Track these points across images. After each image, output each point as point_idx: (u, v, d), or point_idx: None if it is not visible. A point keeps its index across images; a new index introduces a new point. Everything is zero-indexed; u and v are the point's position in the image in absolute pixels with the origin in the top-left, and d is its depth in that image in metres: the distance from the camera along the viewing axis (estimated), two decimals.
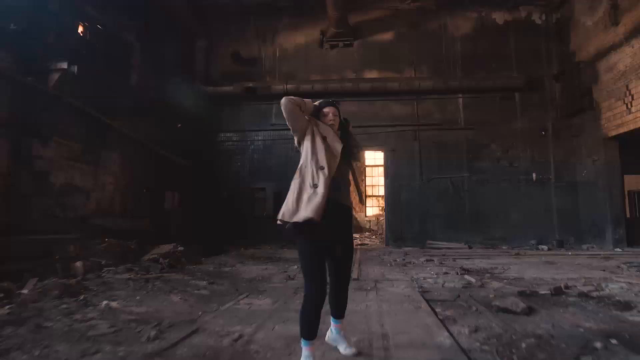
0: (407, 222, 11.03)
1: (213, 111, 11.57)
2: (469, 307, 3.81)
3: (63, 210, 8.05)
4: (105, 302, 3.46)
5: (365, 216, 18.70)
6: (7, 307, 3.21)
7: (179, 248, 6.71)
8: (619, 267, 6.42)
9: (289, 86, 11.14)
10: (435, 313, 3.58)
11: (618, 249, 9.10)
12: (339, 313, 2.59)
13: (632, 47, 8.55)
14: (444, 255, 8.56)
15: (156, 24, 10.98)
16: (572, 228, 10.48)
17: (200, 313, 3.48)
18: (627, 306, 3.78)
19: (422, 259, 7.76)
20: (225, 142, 11.60)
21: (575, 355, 2.52)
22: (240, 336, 2.83)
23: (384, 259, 8.01)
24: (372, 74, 11.52)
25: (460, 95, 11.18)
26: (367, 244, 11.99)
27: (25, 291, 3.67)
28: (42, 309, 3.22)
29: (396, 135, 11.26)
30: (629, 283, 4.92)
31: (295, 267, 6.45)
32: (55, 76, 7.58)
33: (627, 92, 8.74)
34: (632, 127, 8.68)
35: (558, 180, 10.74)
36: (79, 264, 4.91)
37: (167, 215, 10.68)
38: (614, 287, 4.65)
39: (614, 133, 9.27)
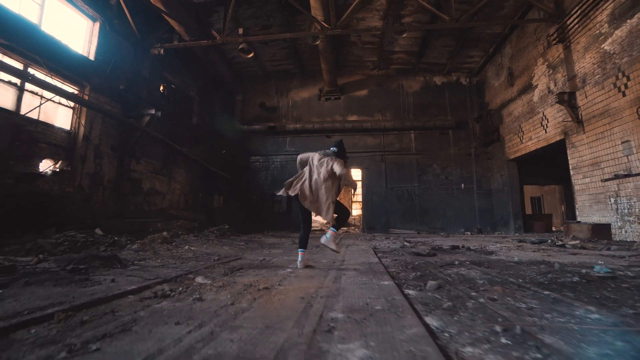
0: (376, 217, 11.91)
1: (246, 142, 12.57)
2: (398, 253, 4.74)
3: (148, 205, 9.10)
4: (187, 246, 4.44)
5: (352, 216, 19.55)
6: (135, 245, 4.21)
7: (226, 226, 7.65)
8: (506, 240, 7.29)
9: (297, 125, 12.24)
10: (376, 254, 4.52)
11: (517, 233, 9.95)
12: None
13: (522, 100, 9.59)
14: (398, 236, 9.44)
15: (209, 83, 12.20)
16: (489, 221, 11.33)
17: (241, 254, 4.45)
18: (491, 253, 4.70)
19: (383, 238, 8.66)
20: (254, 163, 12.60)
21: (441, 265, 3.47)
22: (264, 259, 3.81)
23: (358, 237, 8.91)
24: (353, 117, 12.57)
25: (412, 132, 12.18)
26: (351, 232, 12.85)
27: (140, 241, 4.66)
28: (154, 247, 4.22)
29: (369, 158, 12.25)
30: (504, 246, 5.81)
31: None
32: (146, 118, 8.70)
33: (520, 129, 9.74)
34: (523, 152, 9.65)
35: (479, 189, 11.64)
36: (165, 233, 5.87)
37: (214, 211, 11.67)
38: (492, 247, 5.55)
39: (513, 156, 10.23)
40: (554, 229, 11.32)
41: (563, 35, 7.65)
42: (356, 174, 13.06)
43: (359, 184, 13.35)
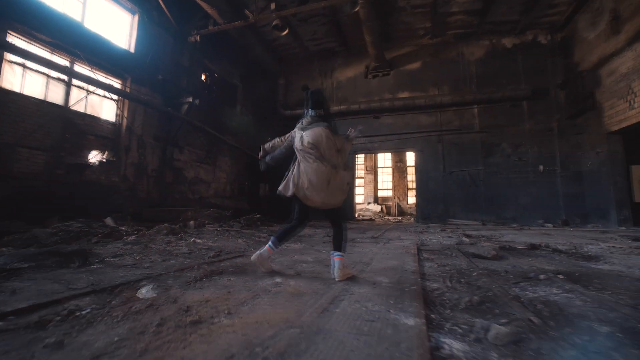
0: (432, 205, 10.32)
1: (289, 128, 11.87)
2: (451, 254, 3.49)
3: (193, 193, 9.00)
4: (192, 239, 3.84)
5: (407, 204, 17.90)
6: (133, 236, 3.74)
7: (257, 215, 7.07)
8: (611, 237, 5.34)
9: (342, 107, 11.14)
10: (419, 256, 3.35)
11: (622, 227, 7.58)
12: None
13: (635, 51, 7.10)
14: (458, 227, 7.88)
15: (251, 70, 11.73)
16: (578, 210, 8.94)
17: (252, 250, 3.67)
18: (593, 258, 3.17)
19: (438, 229, 7.24)
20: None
21: (516, 281, 2.20)
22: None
23: (408, 229, 7.61)
24: (404, 94, 11.00)
25: (475, 106, 10.17)
26: (403, 222, 11.46)
27: (148, 231, 4.22)
28: (154, 239, 3.69)
29: (423, 139, 10.63)
30: (611, 246, 4.09)
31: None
32: (185, 107, 8.49)
33: (630, 91, 7.27)
34: (634, 121, 7.20)
35: (564, 171, 9.24)
36: (192, 222, 5.46)
37: (260, 199, 11.33)
38: (592, 248, 3.90)
39: (616, 128, 7.75)
40: None
41: None
42: (410, 157, 11.53)
43: (412, 170, 11.76)
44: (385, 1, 8.85)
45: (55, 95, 6.46)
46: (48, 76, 6.25)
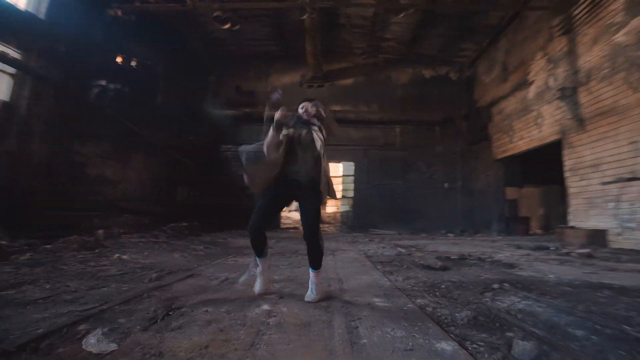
0: (357, 215, 10.92)
1: (218, 128, 11.06)
2: (402, 265, 3.68)
3: (95, 195, 7.41)
4: (117, 255, 3.09)
5: (327, 213, 18.50)
6: (28, 254, 2.79)
7: (183, 224, 6.24)
8: (501, 246, 6.53)
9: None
10: (376, 267, 3.43)
11: (499, 236, 9.36)
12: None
13: (515, 98, 8.92)
14: (383, 238, 8.48)
15: (179, 61, 10.50)
16: (471, 222, 10.70)
17: (195, 265, 3.16)
18: (511, 266, 3.78)
19: (366, 240, 7.64)
20: (226, 152, 11.12)
21: (480, 291, 2.43)
22: (227, 278, 2.57)
23: (339, 239, 7.83)
24: (336, 107, 11.41)
25: (398, 126, 11.28)
26: (327, 231, 11.77)
27: (48, 246, 3.23)
28: (61, 257, 2.82)
29: (352, 152, 11.22)
30: (510, 254, 4.98)
31: (273, 240, 6.13)
32: (95, 90, 7.03)
33: (510, 128, 9.09)
34: (511, 152, 9.04)
35: (463, 188, 10.98)
36: (100, 231, 4.43)
37: (177, 204, 10.08)
38: (500, 256, 4.67)
39: (500, 156, 9.61)
40: (531, 232, 10.90)
41: (569, 26, 6.94)
42: (333, 167, 11.99)
43: (340, 180, 12.30)
44: (329, 16, 9.11)
45: None
46: None
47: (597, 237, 6.15)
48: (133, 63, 8.66)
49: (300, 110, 2.44)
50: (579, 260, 4.54)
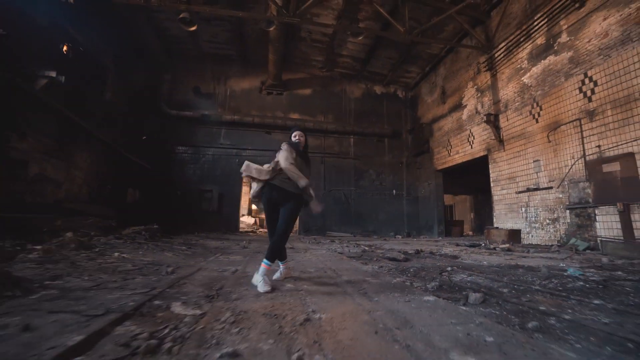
0: (313, 219, 11.55)
1: (173, 129, 10.79)
2: (371, 259, 4.40)
3: (34, 195, 6.81)
4: (117, 253, 3.21)
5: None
6: (34, 253, 2.80)
7: (155, 226, 6.16)
8: (443, 244, 7.77)
9: (236, 117, 11.08)
10: (354, 260, 4.08)
11: (440, 237, 10.86)
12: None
13: (452, 117, 10.54)
14: (341, 239, 9.25)
15: (129, 54, 10.06)
16: (415, 225, 12.14)
17: (193, 262, 3.44)
18: (455, 257, 4.76)
19: (327, 241, 8.32)
20: (182, 154, 10.89)
21: (439, 272, 3.22)
22: (237, 270, 2.96)
23: (301, 240, 8.36)
24: (295, 116, 12.03)
25: (352, 136, 12.30)
26: None
27: (38, 247, 3.17)
28: (67, 256, 2.88)
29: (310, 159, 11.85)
30: (452, 249, 6.10)
31: (244, 242, 6.43)
32: (42, 81, 6.52)
33: (448, 143, 10.68)
34: (450, 164, 10.61)
35: (408, 195, 12.40)
36: (69, 233, 4.30)
37: (127, 207, 9.57)
38: (446, 251, 5.72)
39: (440, 167, 11.17)
40: (465, 233, 12.80)
41: (491, 65, 8.62)
42: None
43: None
44: (292, 28, 9.72)
45: None
46: None
47: (514, 235, 7.71)
48: (77, 52, 8.16)
49: (294, 138, 2.94)
50: (502, 252, 5.78)
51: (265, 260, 2.37)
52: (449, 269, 3.43)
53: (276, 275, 2.67)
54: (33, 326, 1.28)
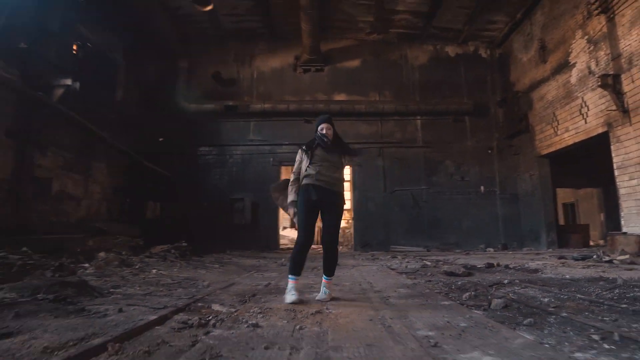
0: (372, 230, 12.52)
1: (194, 126, 12.55)
2: (425, 274, 5.32)
3: (58, 214, 8.93)
4: (154, 270, 4.66)
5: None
6: (89, 269, 4.35)
7: (184, 244, 7.80)
8: (543, 257, 8.21)
9: (266, 105, 12.54)
10: (402, 275, 5.06)
11: (550, 248, 11.05)
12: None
13: (557, 82, 10.68)
14: (405, 255, 10.12)
15: (141, 44, 12.08)
16: (515, 234, 12.41)
17: (227, 279, 4.75)
18: (536, 270, 5.44)
19: (388, 257, 9.28)
20: (206, 155, 12.66)
21: (489, 285, 4.07)
22: (269, 283, 4.18)
23: (355, 256, 9.44)
24: (341, 97, 13.10)
25: (419, 117, 13.00)
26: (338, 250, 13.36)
27: (86, 264, 4.75)
28: (114, 272, 4.40)
29: (363, 152, 12.86)
30: (546, 263, 6.64)
31: (282, 259, 7.73)
32: (59, 92, 8.54)
33: (554, 118, 10.85)
34: (557, 147, 10.78)
35: (502, 193, 12.71)
36: (102, 253, 5.94)
37: (148, 223, 11.55)
38: (533, 264, 6.33)
39: (545, 152, 11.34)
40: (591, 242, 12.67)
41: (606, 5, 8.73)
42: (345, 171, 13.56)
43: (348, 185, 13.92)
44: None
45: None
46: None
47: None
48: (86, 50, 10.25)
49: (320, 132, 3.70)
50: (615, 265, 6.20)
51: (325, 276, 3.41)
52: (505, 281, 4.23)
53: (321, 296, 3.42)
54: (124, 310, 2.60)
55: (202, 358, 1.74)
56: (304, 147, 3.70)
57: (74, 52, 9.99)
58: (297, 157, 3.70)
